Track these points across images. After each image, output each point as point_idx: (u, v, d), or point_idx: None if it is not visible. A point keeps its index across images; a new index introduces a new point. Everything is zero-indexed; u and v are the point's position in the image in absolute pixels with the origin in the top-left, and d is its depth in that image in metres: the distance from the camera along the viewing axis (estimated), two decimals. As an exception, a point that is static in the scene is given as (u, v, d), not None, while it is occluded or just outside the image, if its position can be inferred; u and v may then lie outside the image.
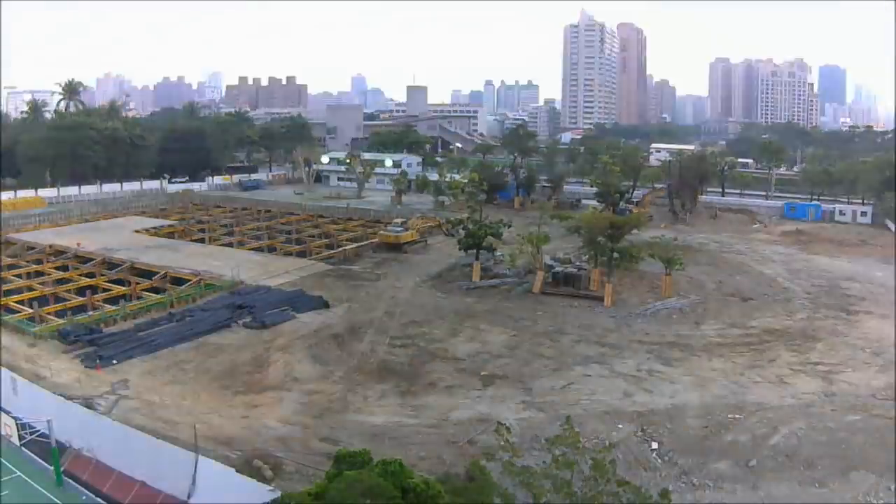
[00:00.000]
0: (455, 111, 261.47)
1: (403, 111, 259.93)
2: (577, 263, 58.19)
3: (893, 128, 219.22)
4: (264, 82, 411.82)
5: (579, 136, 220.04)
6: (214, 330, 44.19)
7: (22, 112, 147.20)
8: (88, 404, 32.69)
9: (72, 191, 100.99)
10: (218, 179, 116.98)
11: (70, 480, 28.00)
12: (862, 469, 27.68)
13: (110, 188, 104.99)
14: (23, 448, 28.78)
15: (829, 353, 40.70)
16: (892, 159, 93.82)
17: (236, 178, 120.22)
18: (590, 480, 19.84)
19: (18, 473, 28.34)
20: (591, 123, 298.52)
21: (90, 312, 48.77)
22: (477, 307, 50.15)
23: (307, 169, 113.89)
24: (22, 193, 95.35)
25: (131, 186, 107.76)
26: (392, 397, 34.65)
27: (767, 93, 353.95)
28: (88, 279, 60.16)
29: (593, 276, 54.24)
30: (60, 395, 33.09)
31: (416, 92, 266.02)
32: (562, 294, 52.65)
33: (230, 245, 73.69)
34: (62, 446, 28.90)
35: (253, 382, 36.51)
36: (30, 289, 56.51)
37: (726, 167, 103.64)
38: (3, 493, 26.82)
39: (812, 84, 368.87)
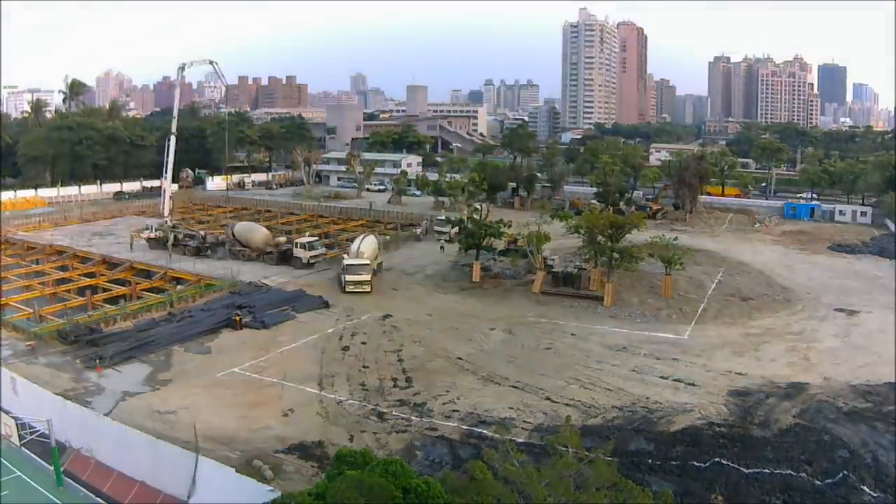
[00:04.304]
0: (455, 111, 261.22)
1: (403, 111, 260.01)
2: (577, 263, 58.13)
3: (893, 128, 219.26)
4: (264, 82, 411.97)
5: (579, 136, 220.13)
6: (214, 330, 44.25)
7: (22, 112, 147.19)
8: (88, 404, 32.70)
9: (72, 191, 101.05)
10: (217, 179, 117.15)
11: (70, 480, 28.00)
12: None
13: (110, 188, 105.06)
14: (23, 448, 28.76)
15: (829, 354, 40.73)
16: (892, 159, 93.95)
17: (236, 178, 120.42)
18: (589, 480, 19.81)
19: (18, 473, 28.32)
20: (591, 123, 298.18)
21: (90, 312, 48.75)
22: (477, 307, 50.17)
23: (307, 169, 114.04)
24: (22, 193, 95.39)
25: (131, 186, 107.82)
26: (392, 397, 34.65)
27: (767, 93, 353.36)
28: (88, 279, 60.20)
29: (593, 276, 54.23)
30: (60, 395, 33.12)
31: (415, 92, 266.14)
32: (562, 294, 52.67)
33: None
34: (62, 446, 28.89)
35: (252, 382, 36.53)
36: (30, 289, 56.56)
37: (726, 167, 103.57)
38: (3, 493, 26.80)
39: (812, 84, 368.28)
